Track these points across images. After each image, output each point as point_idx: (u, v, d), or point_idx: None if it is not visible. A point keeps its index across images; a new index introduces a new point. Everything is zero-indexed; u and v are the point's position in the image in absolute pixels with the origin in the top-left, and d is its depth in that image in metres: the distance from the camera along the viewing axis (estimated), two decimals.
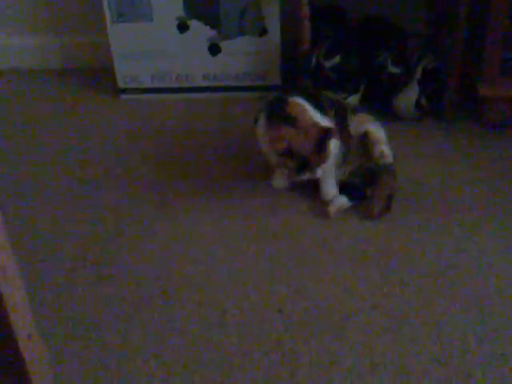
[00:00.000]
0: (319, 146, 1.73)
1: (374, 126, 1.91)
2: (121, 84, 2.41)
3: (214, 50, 2.34)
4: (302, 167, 1.77)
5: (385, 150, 1.88)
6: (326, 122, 1.78)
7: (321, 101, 1.85)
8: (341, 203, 1.86)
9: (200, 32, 2.31)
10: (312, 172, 1.78)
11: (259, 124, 1.83)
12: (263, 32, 2.29)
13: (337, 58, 2.18)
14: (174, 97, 2.41)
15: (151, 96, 2.42)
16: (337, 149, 1.82)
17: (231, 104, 2.37)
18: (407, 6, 2.37)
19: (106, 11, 2.27)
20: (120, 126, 2.30)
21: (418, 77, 2.16)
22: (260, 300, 1.62)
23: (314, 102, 1.82)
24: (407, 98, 2.18)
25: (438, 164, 2.03)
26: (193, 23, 2.30)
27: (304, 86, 2.19)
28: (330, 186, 1.87)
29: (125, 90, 2.42)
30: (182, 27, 2.31)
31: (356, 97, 2.21)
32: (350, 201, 1.86)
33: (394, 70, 2.19)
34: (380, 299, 1.60)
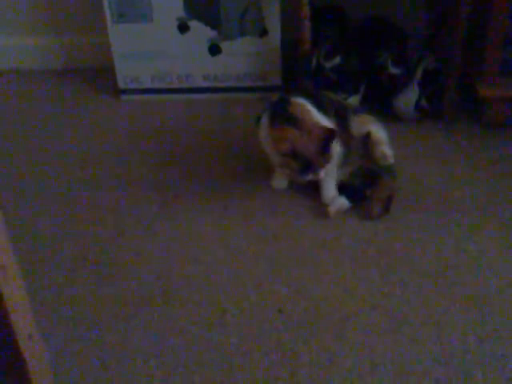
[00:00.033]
0: (323, 147, 1.73)
1: (376, 126, 1.91)
2: (121, 84, 2.41)
3: (214, 50, 2.34)
4: (306, 168, 1.76)
5: (386, 151, 1.88)
6: (329, 123, 1.78)
7: (322, 101, 1.85)
8: (341, 204, 1.86)
9: (200, 32, 2.31)
10: (315, 173, 1.79)
11: (262, 125, 1.83)
12: (264, 32, 2.29)
13: (337, 59, 2.19)
14: (174, 97, 2.41)
15: (151, 96, 2.42)
16: (339, 150, 1.82)
17: (231, 104, 2.37)
18: (407, 7, 2.37)
19: (107, 11, 2.27)
20: (120, 127, 2.30)
21: (418, 78, 2.15)
22: (260, 300, 1.62)
23: (315, 102, 1.82)
24: (407, 99, 2.18)
25: (437, 164, 2.03)
26: (193, 24, 2.30)
27: (305, 87, 2.19)
28: (330, 188, 1.87)
29: (125, 91, 2.42)
30: (183, 28, 2.31)
31: (356, 97, 2.21)
32: (349, 202, 1.86)
33: (394, 70, 2.19)
34: (380, 299, 1.60)
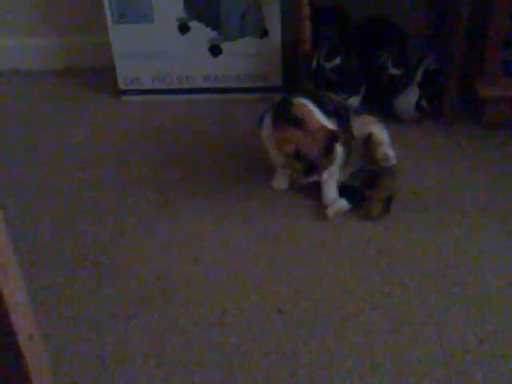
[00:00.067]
0: (326, 148, 1.72)
1: (378, 127, 1.91)
2: (121, 85, 2.41)
3: (214, 51, 2.34)
4: (309, 170, 1.76)
5: (388, 152, 1.88)
6: (331, 124, 1.78)
7: (323, 101, 1.85)
8: (340, 206, 1.86)
9: (201, 33, 2.31)
10: (318, 174, 1.79)
11: (265, 126, 1.83)
12: (264, 33, 2.29)
13: (337, 60, 2.18)
14: (174, 98, 2.41)
15: (152, 97, 2.42)
16: (341, 151, 1.82)
17: (232, 105, 2.37)
18: (407, 7, 2.37)
19: (107, 12, 2.27)
20: (121, 127, 2.30)
21: (418, 78, 2.15)
22: (260, 300, 1.62)
23: (316, 102, 1.81)
24: (407, 100, 2.17)
25: (438, 164, 2.03)
26: (194, 24, 2.30)
27: (306, 87, 2.19)
28: (331, 189, 1.87)
29: (125, 91, 2.42)
30: (183, 28, 2.31)
31: (357, 98, 2.21)
32: (349, 203, 1.86)
33: (395, 71, 2.18)
34: (380, 300, 1.61)
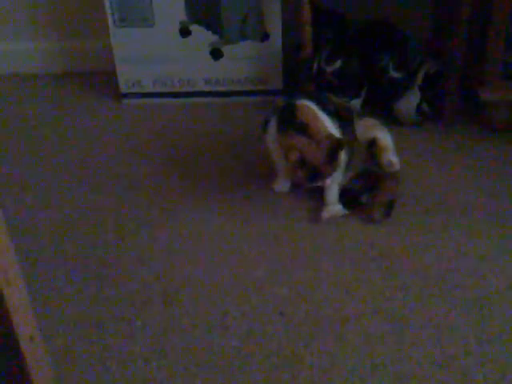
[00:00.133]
0: (331, 156, 1.72)
1: (382, 132, 1.89)
2: (123, 88, 2.42)
3: (215, 54, 2.35)
4: (313, 175, 1.76)
5: (392, 158, 1.87)
6: (335, 129, 1.77)
7: (326, 103, 1.84)
8: (335, 211, 1.85)
9: (202, 37, 2.31)
10: (322, 180, 1.78)
11: (269, 131, 1.83)
12: (265, 37, 2.30)
13: (338, 63, 2.19)
14: (175, 101, 2.41)
15: (153, 100, 2.43)
16: (345, 157, 1.81)
17: (233, 108, 2.37)
18: (408, 10, 2.37)
19: (108, 15, 2.28)
20: (122, 130, 2.30)
21: (419, 82, 2.16)
22: (261, 303, 1.62)
23: (320, 104, 1.81)
24: (408, 103, 2.18)
25: (438, 167, 2.04)
26: (195, 28, 2.30)
27: (307, 90, 2.19)
28: (333, 193, 1.87)
29: (127, 95, 2.43)
30: (184, 32, 2.31)
31: (357, 101, 2.22)
32: (345, 208, 1.86)
33: (396, 74, 2.19)
34: (381, 302, 1.60)
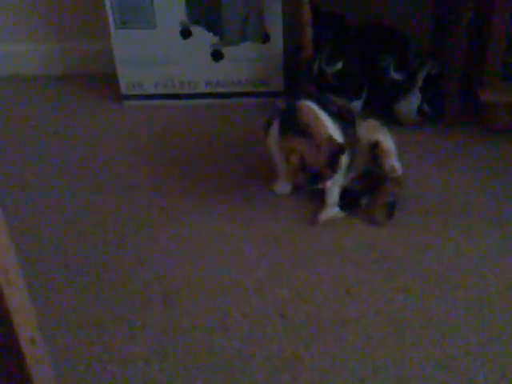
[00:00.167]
0: (332, 160, 1.72)
1: (384, 135, 1.88)
2: (124, 90, 2.42)
3: (216, 56, 2.35)
4: (313, 178, 1.76)
5: (395, 164, 1.86)
6: (337, 130, 1.77)
7: (328, 104, 1.83)
8: (333, 213, 1.86)
9: (203, 38, 2.31)
10: (322, 183, 1.78)
11: (271, 132, 1.83)
12: (266, 38, 2.30)
13: (339, 64, 2.19)
14: (176, 103, 2.42)
15: (154, 102, 2.43)
16: (347, 159, 1.81)
17: (233, 110, 2.37)
18: (408, 12, 2.37)
19: (109, 17, 2.28)
20: (123, 132, 2.30)
21: (420, 83, 2.15)
22: (262, 304, 1.62)
23: (322, 105, 1.80)
24: (409, 104, 2.17)
25: (439, 168, 2.03)
26: (196, 29, 2.30)
27: (309, 90, 2.19)
28: (334, 194, 1.86)
29: (128, 96, 2.43)
30: (185, 33, 2.31)
31: (358, 103, 2.22)
32: (342, 211, 1.86)
33: (396, 75, 2.18)
34: (382, 303, 1.60)
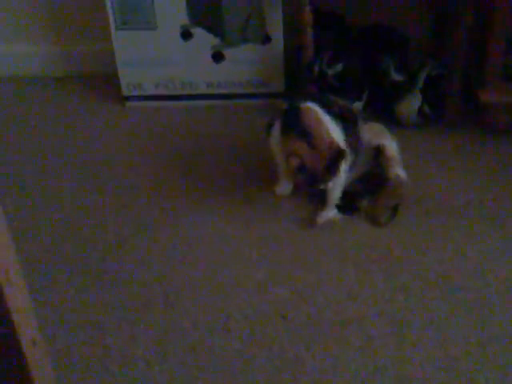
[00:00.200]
0: (332, 164, 1.72)
1: (388, 140, 1.86)
2: (125, 91, 2.42)
3: (217, 57, 2.35)
4: (312, 181, 1.76)
5: (400, 173, 1.84)
6: (339, 131, 1.77)
7: (330, 105, 1.83)
8: (331, 215, 1.86)
9: (204, 40, 2.31)
10: (323, 185, 1.78)
11: (273, 134, 1.82)
12: (266, 40, 2.30)
13: (339, 66, 2.19)
14: (177, 104, 2.42)
15: (155, 103, 2.43)
16: (349, 159, 1.80)
17: (234, 111, 2.37)
18: (409, 13, 2.37)
19: (110, 18, 2.28)
20: (124, 133, 2.30)
21: (420, 84, 2.15)
22: (263, 305, 1.62)
23: (324, 106, 1.80)
24: (410, 105, 2.17)
25: (439, 169, 2.04)
26: (196, 31, 2.30)
27: (311, 91, 2.19)
28: (334, 197, 1.86)
29: (129, 98, 2.43)
30: (186, 35, 2.31)
31: (359, 104, 2.22)
32: (340, 212, 1.86)
33: (397, 77, 2.19)
34: (383, 304, 1.60)
